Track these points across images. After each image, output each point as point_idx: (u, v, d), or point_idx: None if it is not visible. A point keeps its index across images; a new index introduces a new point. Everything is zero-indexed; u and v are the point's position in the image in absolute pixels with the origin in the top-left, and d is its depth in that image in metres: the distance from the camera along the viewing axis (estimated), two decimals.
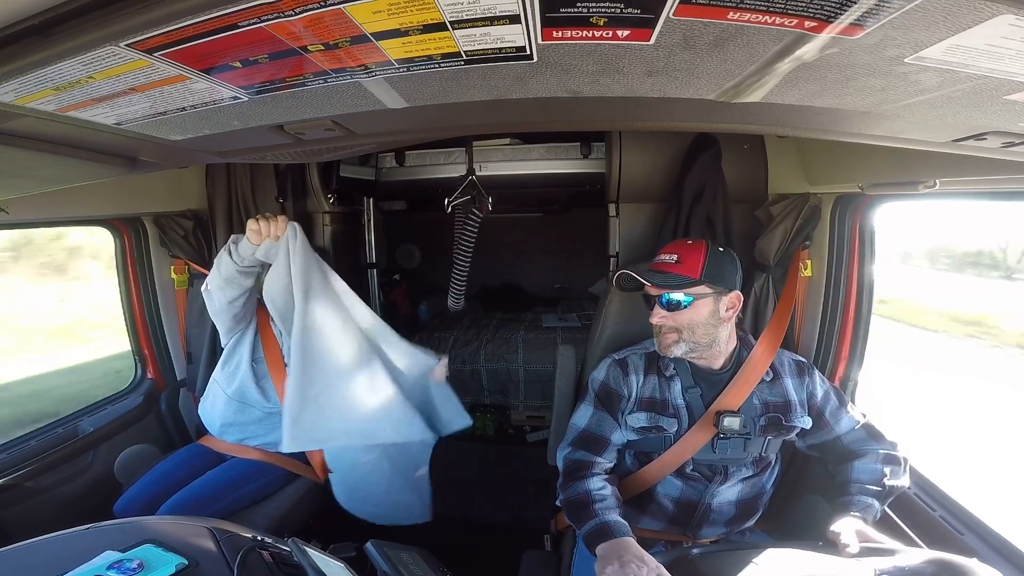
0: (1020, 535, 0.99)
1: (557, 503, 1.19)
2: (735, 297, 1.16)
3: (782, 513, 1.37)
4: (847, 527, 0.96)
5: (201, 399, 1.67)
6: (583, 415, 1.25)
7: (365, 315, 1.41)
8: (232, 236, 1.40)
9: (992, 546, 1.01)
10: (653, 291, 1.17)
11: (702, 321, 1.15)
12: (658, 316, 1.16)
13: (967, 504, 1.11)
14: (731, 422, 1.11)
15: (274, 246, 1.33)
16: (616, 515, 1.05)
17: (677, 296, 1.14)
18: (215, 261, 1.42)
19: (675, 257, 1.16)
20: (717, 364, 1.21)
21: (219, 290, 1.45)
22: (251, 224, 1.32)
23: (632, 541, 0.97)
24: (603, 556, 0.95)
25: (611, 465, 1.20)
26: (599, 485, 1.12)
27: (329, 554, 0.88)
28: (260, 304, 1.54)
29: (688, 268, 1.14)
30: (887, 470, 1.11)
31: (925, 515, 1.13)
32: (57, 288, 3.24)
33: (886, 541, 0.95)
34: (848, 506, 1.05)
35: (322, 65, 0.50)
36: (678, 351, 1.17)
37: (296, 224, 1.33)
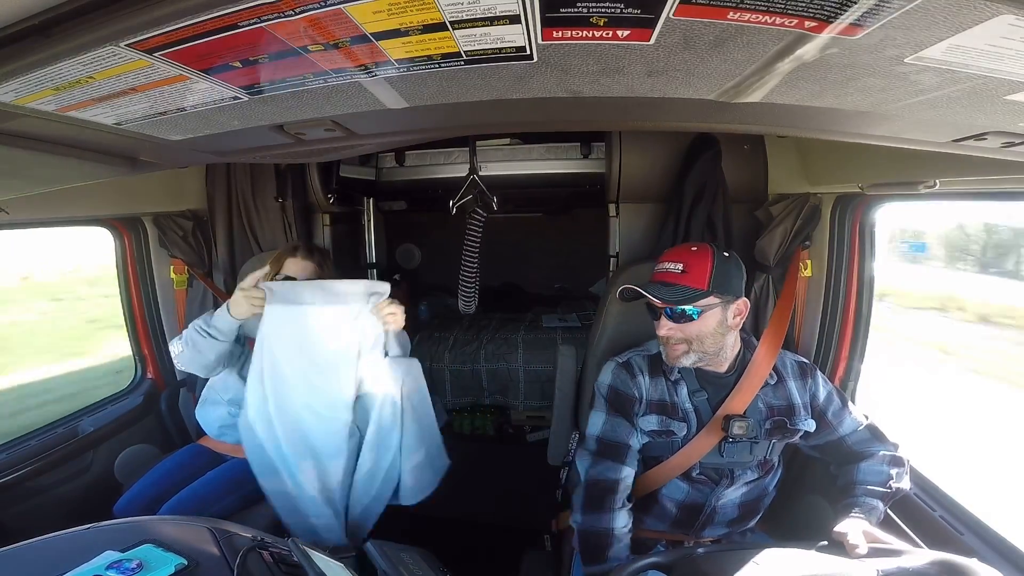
0: (1020, 535, 0.99)
1: (572, 523, 1.17)
2: (742, 304, 1.14)
3: (783, 514, 1.36)
4: (853, 527, 0.95)
5: (199, 403, 1.66)
6: (596, 422, 1.21)
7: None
8: (197, 320, 1.43)
9: (992, 546, 1.01)
10: (659, 305, 1.13)
11: (710, 332, 1.12)
12: (665, 328, 1.12)
13: (966, 503, 1.11)
14: (740, 426, 1.10)
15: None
16: (624, 554, 1.08)
17: (685, 308, 1.11)
18: (183, 347, 1.44)
19: (680, 266, 1.12)
20: (723, 368, 1.19)
21: (203, 367, 1.48)
22: (251, 295, 1.36)
23: None
24: None
25: (634, 474, 1.16)
26: (623, 523, 1.11)
27: (329, 554, 0.88)
28: None
29: (695, 279, 1.10)
30: (893, 472, 1.11)
31: (925, 515, 1.13)
32: None
33: (893, 542, 0.95)
34: (852, 507, 1.05)
35: (322, 65, 0.50)
36: (687, 361, 1.14)
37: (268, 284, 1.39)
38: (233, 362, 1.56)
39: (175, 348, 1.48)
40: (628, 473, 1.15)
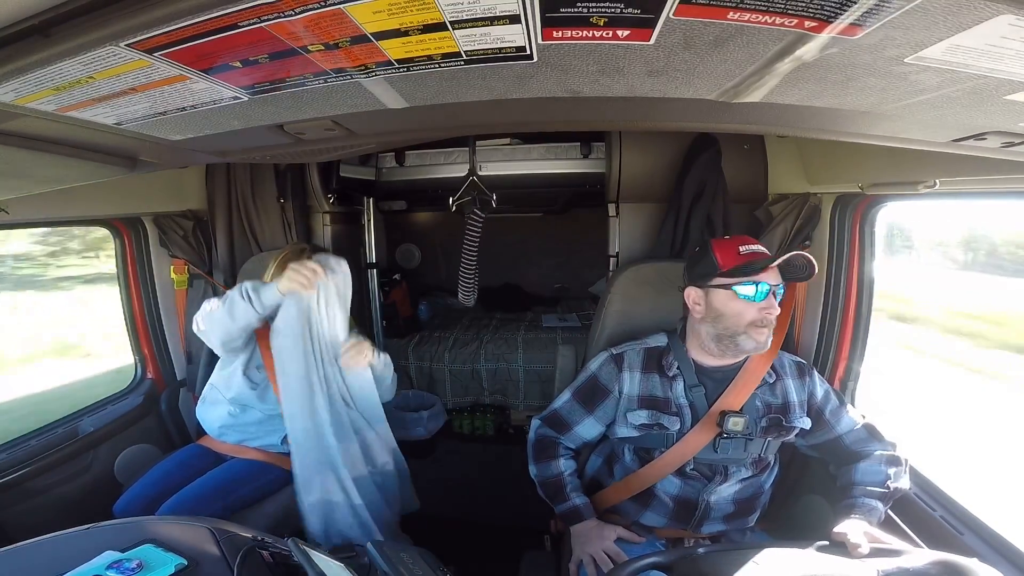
0: (1020, 535, 0.99)
1: (531, 476, 1.30)
2: None
3: (783, 513, 1.37)
4: (854, 528, 0.95)
5: (199, 402, 1.66)
6: (562, 398, 1.32)
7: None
8: (247, 283, 1.43)
9: (992, 546, 1.01)
10: (774, 280, 1.11)
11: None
12: (773, 308, 1.10)
13: (965, 503, 1.11)
14: (735, 422, 1.11)
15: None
16: (582, 496, 1.24)
17: (782, 286, 1.13)
18: (219, 305, 1.45)
19: (764, 248, 1.14)
20: (735, 360, 1.19)
21: (224, 333, 1.47)
22: (301, 274, 1.39)
23: (595, 522, 1.19)
24: (576, 535, 1.19)
25: (575, 447, 1.33)
26: (569, 467, 1.28)
27: (329, 554, 0.88)
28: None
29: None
30: (891, 472, 1.11)
31: (925, 515, 1.13)
32: None
33: (894, 542, 0.95)
34: (852, 508, 1.05)
35: (322, 65, 0.50)
36: (769, 343, 1.13)
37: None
38: (240, 353, 1.56)
39: (206, 307, 1.48)
40: (567, 441, 1.31)
